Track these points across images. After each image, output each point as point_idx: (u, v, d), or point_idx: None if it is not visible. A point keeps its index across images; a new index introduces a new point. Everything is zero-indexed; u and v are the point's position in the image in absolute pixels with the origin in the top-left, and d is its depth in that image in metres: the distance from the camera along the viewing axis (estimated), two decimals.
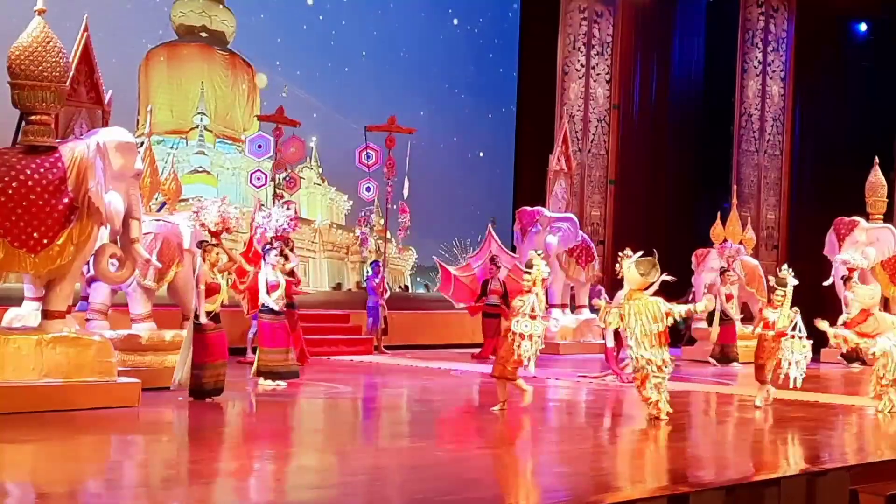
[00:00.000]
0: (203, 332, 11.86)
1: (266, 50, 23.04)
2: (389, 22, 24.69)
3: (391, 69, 24.55)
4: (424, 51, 25.14)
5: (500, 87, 26.07)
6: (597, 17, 24.70)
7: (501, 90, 26.04)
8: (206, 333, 11.88)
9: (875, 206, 20.06)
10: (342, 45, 23.85)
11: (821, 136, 25.16)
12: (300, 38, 23.42)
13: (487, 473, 8.61)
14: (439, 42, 25.35)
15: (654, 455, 9.67)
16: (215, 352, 11.92)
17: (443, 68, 25.36)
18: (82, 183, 10.84)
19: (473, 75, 25.92)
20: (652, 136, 25.13)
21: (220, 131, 22.65)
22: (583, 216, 23.51)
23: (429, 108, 24.48)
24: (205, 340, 11.86)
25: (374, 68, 24.34)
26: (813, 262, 19.78)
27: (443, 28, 25.51)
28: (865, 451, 9.99)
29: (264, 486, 7.97)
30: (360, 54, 24.12)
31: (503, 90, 26.03)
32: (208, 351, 11.85)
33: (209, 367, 11.85)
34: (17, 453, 8.87)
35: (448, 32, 25.58)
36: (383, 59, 24.55)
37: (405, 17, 24.94)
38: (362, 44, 24.19)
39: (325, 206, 24.02)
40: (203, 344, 11.85)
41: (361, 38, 24.15)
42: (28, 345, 10.65)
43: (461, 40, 25.85)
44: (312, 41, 23.52)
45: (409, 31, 24.97)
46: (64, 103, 11.57)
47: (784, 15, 25.41)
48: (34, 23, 11.01)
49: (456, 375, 15.98)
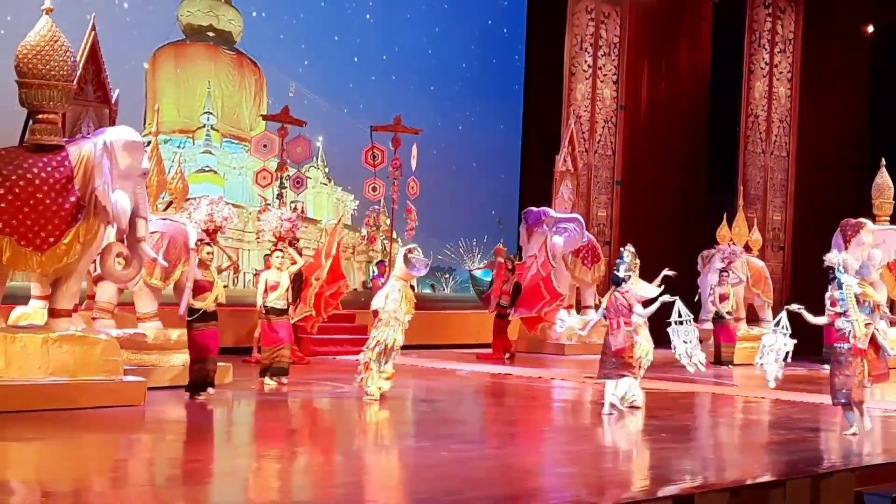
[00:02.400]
0: (190, 329, 12.12)
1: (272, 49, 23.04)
2: (395, 21, 24.67)
3: (397, 68, 24.53)
4: (431, 50, 25.12)
5: (506, 87, 26.05)
6: (604, 17, 24.70)
7: (508, 90, 26.01)
8: (193, 330, 12.11)
9: (882, 208, 20.03)
10: (347, 44, 23.84)
11: (827, 137, 25.14)
12: (305, 38, 23.41)
13: (492, 474, 8.60)
14: (445, 42, 25.32)
15: (659, 456, 9.67)
16: (201, 348, 12.08)
17: (449, 68, 25.33)
18: (89, 182, 10.86)
19: (480, 75, 25.88)
20: (658, 137, 25.10)
21: (227, 131, 22.61)
22: (589, 217, 23.50)
23: (434, 108, 24.47)
24: (194, 337, 12.11)
25: (381, 68, 24.32)
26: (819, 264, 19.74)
27: (449, 28, 25.48)
28: (870, 453, 9.97)
29: (269, 485, 7.98)
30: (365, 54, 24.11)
31: (510, 90, 26.01)
32: (201, 347, 12.06)
33: (200, 361, 12.07)
34: (22, 451, 8.89)
35: (454, 32, 25.54)
36: (390, 59, 24.55)
37: (411, 17, 24.93)
38: (368, 43, 24.17)
39: (332, 206, 24.00)
40: (191, 340, 12.13)
41: (367, 38, 24.13)
42: (34, 343, 10.67)
43: (467, 40, 25.82)
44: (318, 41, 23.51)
45: (415, 29, 24.94)
46: (71, 102, 11.60)
47: (791, 16, 25.40)
48: (42, 22, 11.03)
49: (461, 375, 15.98)
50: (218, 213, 13.48)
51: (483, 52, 26.06)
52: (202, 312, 12.08)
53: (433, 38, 25.21)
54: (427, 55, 25.06)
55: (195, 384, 12.03)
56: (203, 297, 12.08)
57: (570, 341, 20.23)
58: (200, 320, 12.08)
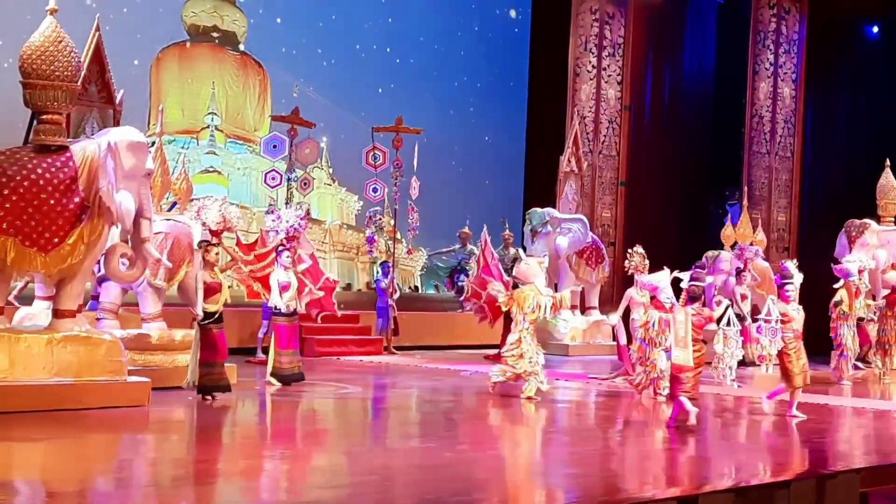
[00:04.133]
0: (208, 331, 11.87)
1: (276, 50, 23.05)
2: (399, 21, 24.68)
3: (400, 69, 24.54)
4: (434, 51, 25.12)
5: (510, 88, 26.05)
6: (608, 18, 24.69)
7: (512, 91, 26.01)
8: (211, 332, 11.87)
9: (886, 209, 20.00)
10: (351, 45, 23.84)
11: (832, 138, 25.12)
12: (310, 38, 23.42)
13: (497, 474, 8.60)
14: (449, 42, 25.31)
15: (664, 457, 9.65)
16: (221, 350, 11.92)
17: (452, 68, 25.34)
18: (93, 182, 10.85)
19: (484, 75, 25.89)
20: (663, 138, 25.10)
21: (231, 131, 22.65)
22: (593, 217, 23.49)
23: (437, 109, 24.47)
24: (210, 339, 11.87)
25: (383, 68, 24.33)
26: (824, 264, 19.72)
27: (453, 28, 25.47)
28: (875, 454, 9.96)
29: (274, 485, 7.98)
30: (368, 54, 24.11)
31: (514, 91, 26.01)
32: (216, 349, 11.86)
33: (217, 364, 11.88)
34: (27, 452, 8.89)
35: (458, 33, 25.54)
36: (392, 59, 24.55)
37: (415, 17, 24.92)
38: (372, 44, 24.18)
39: (336, 207, 24.01)
40: (208, 342, 11.86)
41: (370, 38, 24.14)
42: (39, 344, 10.67)
43: (471, 41, 25.82)
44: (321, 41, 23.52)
45: (418, 30, 24.95)
46: (75, 103, 11.60)
47: (796, 17, 25.36)
48: (46, 22, 11.03)
49: (466, 376, 15.96)
50: (230, 214, 13.40)
51: (487, 53, 26.05)
52: (218, 315, 11.86)
53: (437, 37, 25.21)
54: (430, 55, 25.06)
55: (209, 387, 11.82)
56: (214, 299, 11.85)
57: (574, 342, 20.24)
58: (215, 322, 11.87)
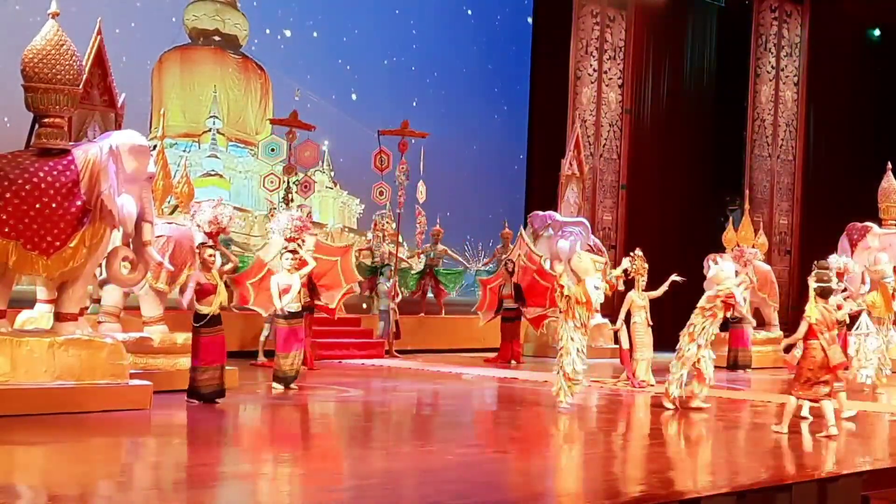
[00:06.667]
0: (197, 335, 11.78)
1: (278, 53, 23.07)
2: (403, 25, 24.69)
3: (404, 73, 24.55)
4: (437, 55, 25.13)
5: (512, 91, 26.05)
6: (609, 21, 24.71)
7: (514, 94, 26.02)
8: (200, 336, 11.77)
9: (888, 212, 20.01)
10: (355, 48, 23.86)
11: (833, 141, 25.12)
12: (311, 42, 23.44)
13: (499, 477, 8.59)
14: (452, 46, 25.33)
15: (666, 460, 9.65)
16: (207, 356, 11.75)
17: (455, 72, 25.35)
18: (95, 186, 10.86)
19: (486, 78, 25.89)
20: (664, 141, 25.10)
21: (233, 135, 22.66)
22: (594, 221, 23.50)
23: (441, 113, 24.48)
24: (197, 342, 11.78)
25: (387, 72, 24.34)
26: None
27: (455, 32, 25.49)
28: (877, 458, 9.95)
29: (275, 489, 7.98)
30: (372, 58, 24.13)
31: (516, 94, 26.01)
32: (199, 354, 11.74)
33: (201, 370, 11.74)
34: (28, 455, 8.89)
35: (461, 36, 25.55)
36: (396, 63, 24.56)
37: (418, 21, 24.94)
38: (375, 47, 24.19)
39: (337, 210, 24.00)
40: (196, 346, 11.78)
41: (374, 42, 24.14)
42: (40, 347, 10.68)
43: (474, 44, 25.83)
44: (324, 44, 23.53)
45: (422, 34, 24.96)
46: (77, 106, 11.59)
47: (797, 20, 25.38)
48: (48, 26, 11.04)
49: (467, 379, 15.97)
50: (222, 215, 13.37)
51: (489, 56, 26.06)
52: (209, 317, 11.76)
53: (439, 41, 25.22)
54: (433, 59, 25.07)
55: (207, 394, 11.74)
56: (208, 300, 11.71)
57: None
58: (208, 325, 11.73)
